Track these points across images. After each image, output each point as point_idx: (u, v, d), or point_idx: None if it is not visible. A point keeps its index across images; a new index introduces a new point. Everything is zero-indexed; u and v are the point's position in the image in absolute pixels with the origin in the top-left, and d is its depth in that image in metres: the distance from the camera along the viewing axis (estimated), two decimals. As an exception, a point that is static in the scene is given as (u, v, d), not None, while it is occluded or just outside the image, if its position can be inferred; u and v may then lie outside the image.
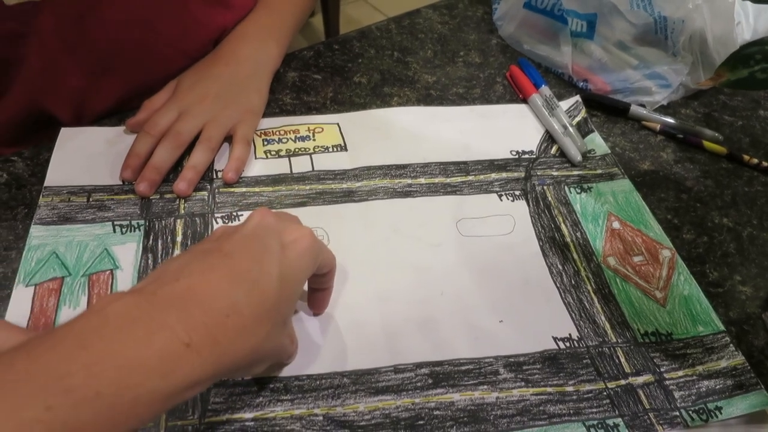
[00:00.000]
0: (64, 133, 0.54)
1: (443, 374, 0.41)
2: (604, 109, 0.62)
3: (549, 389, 0.41)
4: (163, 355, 0.27)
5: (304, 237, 0.35)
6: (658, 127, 0.60)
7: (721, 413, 0.40)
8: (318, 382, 0.40)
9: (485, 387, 0.41)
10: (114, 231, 0.47)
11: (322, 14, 1.83)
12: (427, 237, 0.49)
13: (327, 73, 0.63)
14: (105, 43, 0.54)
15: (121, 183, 0.51)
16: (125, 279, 0.44)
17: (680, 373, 0.43)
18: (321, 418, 0.38)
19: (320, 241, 0.37)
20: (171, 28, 0.56)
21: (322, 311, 0.43)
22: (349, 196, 0.51)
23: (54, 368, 0.26)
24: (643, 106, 0.62)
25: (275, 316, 0.32)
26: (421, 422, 0.39)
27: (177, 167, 0.52)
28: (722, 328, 0.45)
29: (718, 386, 0.42)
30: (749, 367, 0.43)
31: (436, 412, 0.39)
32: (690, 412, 0.40)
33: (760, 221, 0.53)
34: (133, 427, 0.27)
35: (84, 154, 0.53)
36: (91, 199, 0.49)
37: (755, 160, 0.57)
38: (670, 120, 0.60)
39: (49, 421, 0.24)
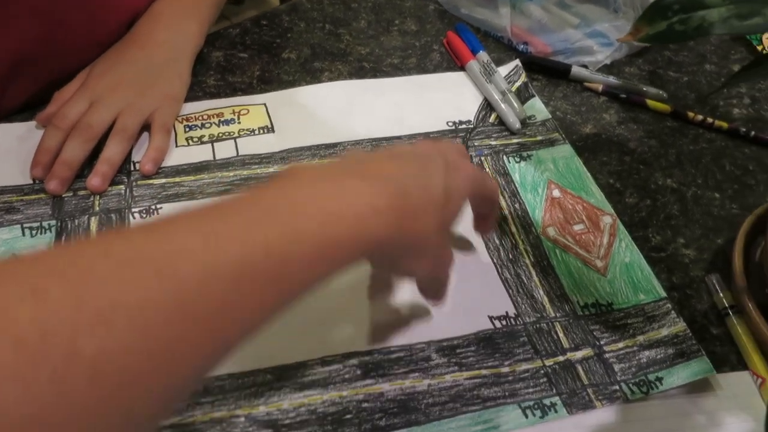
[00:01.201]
0: (-29, 131, 0.51)
1: (373, 364, 0.39)
2: (545, 71, 0.60)
3: (484, 371, 0.39)
4: (356, 210, 0.29)
5: (468, 165, 0.39)
6: (600, 87, 0.58)
7: (661, 384, 0.39)
8: (240, 381, 0.38)
9: (416, 374, 0.39)
10: (23, 234, 0.44)
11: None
12: (357, 219, 0.47)
13: (254, 50, 0.59)
14: (6, 42, 0.50)
15: (32, 182, 0.48)
16: (34, 285, 0.42)
17: (620, 344, 0.41)
18: (242, 419, 0.36)
19: (483, 173, 0.40)
20: (76, 17, 0.52)
21: (488, 233, 0.46)
22: (275, 181, 0.49)
23: (264, 207, 0.28)
24: (585, 66, 0.60)
25: (440, 217, 0.34)
26: (349, 416, 0.37)
27: (92, 161, 0.49)
28: (664, 294, 0.44)
29: (659, 356, 0.41)
30: (690, 334, 0.41)
31: (365, 404, 0.37)
32: (630, 385, 0.39)
33: (705, 179, 0.52)
34: (332, 272, 0.29)
35: (-8, 153, 0.49)
36: (-2, 202, 0.46)
37: (700, 117, 0.55)
38: (612, 80, 0.58)
39: (266, 249, 0.26)
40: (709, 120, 0.55)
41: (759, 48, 0.64)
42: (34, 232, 0.45)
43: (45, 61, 0.52)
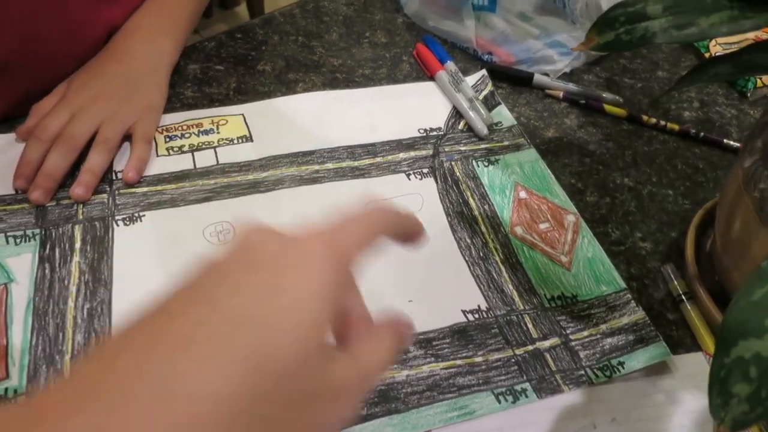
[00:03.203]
0: (-50, 144, 0.51)
1: (354, 357, 0.41)
2: (510, 80, 0.63)
3: (458, 362, 0.42)
4: None
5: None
6: (561, 94, 0.61)
7: (623, 368, 0.42)
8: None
9: (395, 366, 0.41)
10: (7, 243, 0.45)
11: (246, 2, 1.79)
12: (335, 222, 0.49)
13: (230, 63, 0.61)
14: None
15: (14, 192, 0.49)
16: (21, 292, 0.43)
17: (585, 333, 0.44)
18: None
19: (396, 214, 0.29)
20: (52, 32, 0.53)
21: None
22: (255, 188, 0.51)
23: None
24: (547, 74, 0.63)
25: None
26: (333, 407, 0.39)
27: (74, 171, 0.50)
28: (624, 286, 0.47)
29: (620, 342, 0.44)
30: (649, 322, 0.45)
31: (347, 396, 0.39)
32: (594, 370, 0.42)
33: (659, 178, 0.55)
34: None
35: (-28, 166, 0.50)
36: (-19, 213, 0.47)
37: (654, 120, 0.59)
38: (571, 86, 0.62)
39: None
40: (662, 123, 0.59)
41: (707, 55, 0.68)
42: (18, 240, 0.46)
43: (20, 72, 0.53)
